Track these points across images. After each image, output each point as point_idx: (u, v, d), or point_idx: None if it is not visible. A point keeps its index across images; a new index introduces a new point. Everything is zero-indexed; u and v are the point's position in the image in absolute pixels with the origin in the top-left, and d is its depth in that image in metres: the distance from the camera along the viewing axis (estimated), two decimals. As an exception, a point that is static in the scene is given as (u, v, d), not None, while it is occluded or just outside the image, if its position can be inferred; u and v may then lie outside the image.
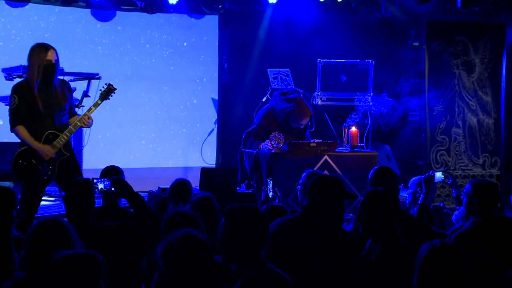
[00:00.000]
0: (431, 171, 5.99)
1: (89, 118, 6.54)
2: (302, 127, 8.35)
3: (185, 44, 11.17)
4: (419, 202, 5.74)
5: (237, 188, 7.89)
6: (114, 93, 6.71)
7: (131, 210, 5.95)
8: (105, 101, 6.68)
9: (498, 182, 9.08)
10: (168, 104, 11.04)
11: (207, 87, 11.27)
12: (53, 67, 6.39)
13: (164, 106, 11.01)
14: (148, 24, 10.87)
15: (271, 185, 5.99)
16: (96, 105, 6.61)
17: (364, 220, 4.36)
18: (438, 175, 6.03)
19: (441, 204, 6.86)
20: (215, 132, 11.15)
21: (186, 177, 6.46)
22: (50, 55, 6.40)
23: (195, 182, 7.16)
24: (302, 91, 9.38)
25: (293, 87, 9.40)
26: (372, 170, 5.66)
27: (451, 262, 3.50)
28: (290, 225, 4.37)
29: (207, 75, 11.28)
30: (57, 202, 8.52)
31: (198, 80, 11.24)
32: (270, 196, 5.95)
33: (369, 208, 4.33)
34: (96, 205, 4.89)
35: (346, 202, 7.26)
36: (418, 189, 6.35)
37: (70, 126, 6.46)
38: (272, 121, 8.36)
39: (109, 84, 6.71)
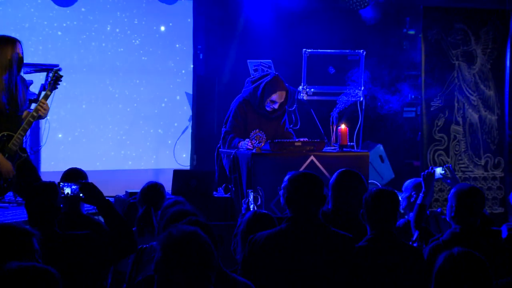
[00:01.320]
0: (430, 167, 6.03)
1: (45, 105, 6.54)
2: (276, 106, 8.30)
3: (162, 28, 11.06)
4: (418, 202, 5.76)
5: (214, 192, 7.89)
6: (61, 80, 6.74)
7: (95, 217, 5.98)
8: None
9: (502, 185, 9.15)
10: (140, 99, 10.97)
11: (184, 80, 11.23)
12: (22, 62, 6.42)
13: (135, 102, 10.95)
14: (116, 7, 10.75)
15: (252, 197, 6.01)
16: (46, 97, 6.62)
17: (369, 219, 4.77)
18: (439, 171, 6.10)
19: (439, 210, 6.91)
20: (189, 130, 11.13)
21: (156, 180, 6.47)
22: (18, 49, 6.41)
23: (167, 186, 7.15)
24: (286, 85, 9.38)
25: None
26: (336, 173, 5.74)
27: (470, 272, 3.54)
28: (280, 237, 4.43)
29: (185, 67, 11.23)
30: (11, 209, 8.47)
31: (176, 71, 11.18)
32: (251, 209, 5.96)
33: (373, 206, 4.72)
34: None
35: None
36: (413, 192, 6.37)
37: (23, 124, 6.45)
38: (248, 111, 8.35)
39: (55, 71, 6.73)
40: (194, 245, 3.22)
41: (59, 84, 6.71)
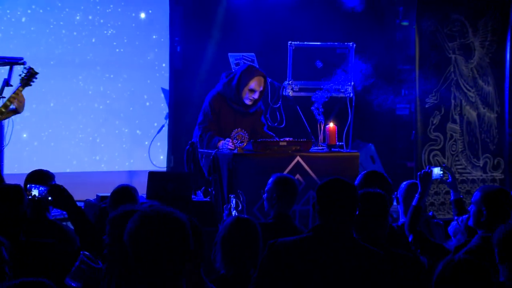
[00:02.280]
0: (427, 167, 6.03)
1: (21, 96, 6.62)
2: (256, 96, 8.30)
3: (142, 15, 10.84)
4: (413, 203, 5.76)
5: (192, 196, 7.86)
6: (36, 78, 6.82)
7: (63, 223, 5.93)
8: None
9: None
10: (115, 96, 10.85)
11: (163, 74, 11.11)
12: None
13: (108, 98, 10.84)
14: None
15: (234, 202, 5.99)
16: (18, 93, 6.65)
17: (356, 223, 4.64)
18: (436, 171, 6.10)
19: (430, 213, 6.91)
20: (166, 129, 11.10)
21: (130, 183, 6.42)
22: None
23: (141, 189, 7.12)
24: (270, 80, 9.37)
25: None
26: (360, 175, 5.71)
27: (472, 281, 3.57)
28: (305, 246, 4.33)
29: (165, 60, 11.07)
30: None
31: (155, 65, 11.07)
32: (233, 215, 5.94)
33: (361, 209, 4.59)
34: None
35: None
36: (407, 194, 6.36)
37: None
38: (223, 105, 8.38)
39: (30, 68, 6.86)
40: (172, 220, 3.19)
41: (33, 81, 6.83)
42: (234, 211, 6.09)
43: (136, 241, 3.14)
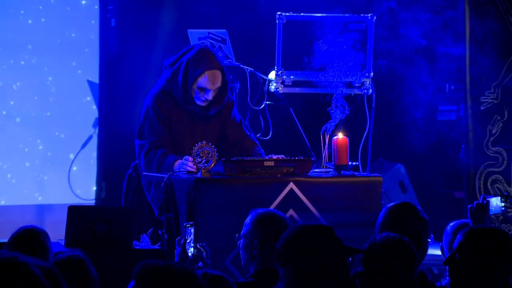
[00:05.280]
0: (481, 197, 5.97)
1: None
2: (209, 97, 8.24)
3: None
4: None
5: (135, 242, 7.76)
6: None
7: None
8: None
9: None
10: (23, 94, 10.90)
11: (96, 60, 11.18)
12: None
13: (13, 98, 10.91)
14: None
15: (192, 235, 5.93)
16: None
17: (365, 279, 4.88)
18: (496, 203, 6.15)
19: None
20: (94, 142, 11.04)
21: (41, 222, 6.31)
22: None
23: (58, 232, 7.13)
24: (249, 70, 9.33)
25: (234, 62, 9.34)
26: (384, 209, 5.76)
27: None
28: None
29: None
30: None
31: (85, 46, 11.15)
32: (189, 255, 5.97)
33: (374, 263, 4.83)
34: None
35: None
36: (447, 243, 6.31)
37: None
38: (172, 106, 8.38)
39: None
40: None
41: None
42: (192, 248, 6.07)
43: None
